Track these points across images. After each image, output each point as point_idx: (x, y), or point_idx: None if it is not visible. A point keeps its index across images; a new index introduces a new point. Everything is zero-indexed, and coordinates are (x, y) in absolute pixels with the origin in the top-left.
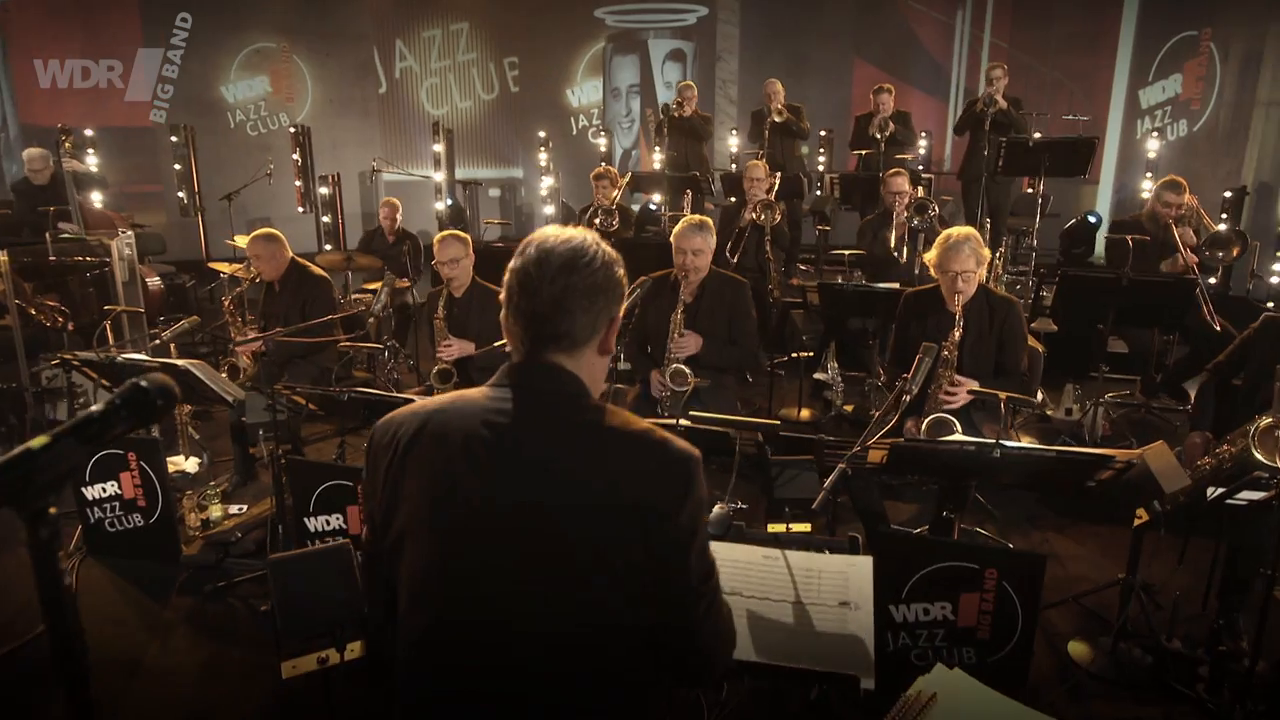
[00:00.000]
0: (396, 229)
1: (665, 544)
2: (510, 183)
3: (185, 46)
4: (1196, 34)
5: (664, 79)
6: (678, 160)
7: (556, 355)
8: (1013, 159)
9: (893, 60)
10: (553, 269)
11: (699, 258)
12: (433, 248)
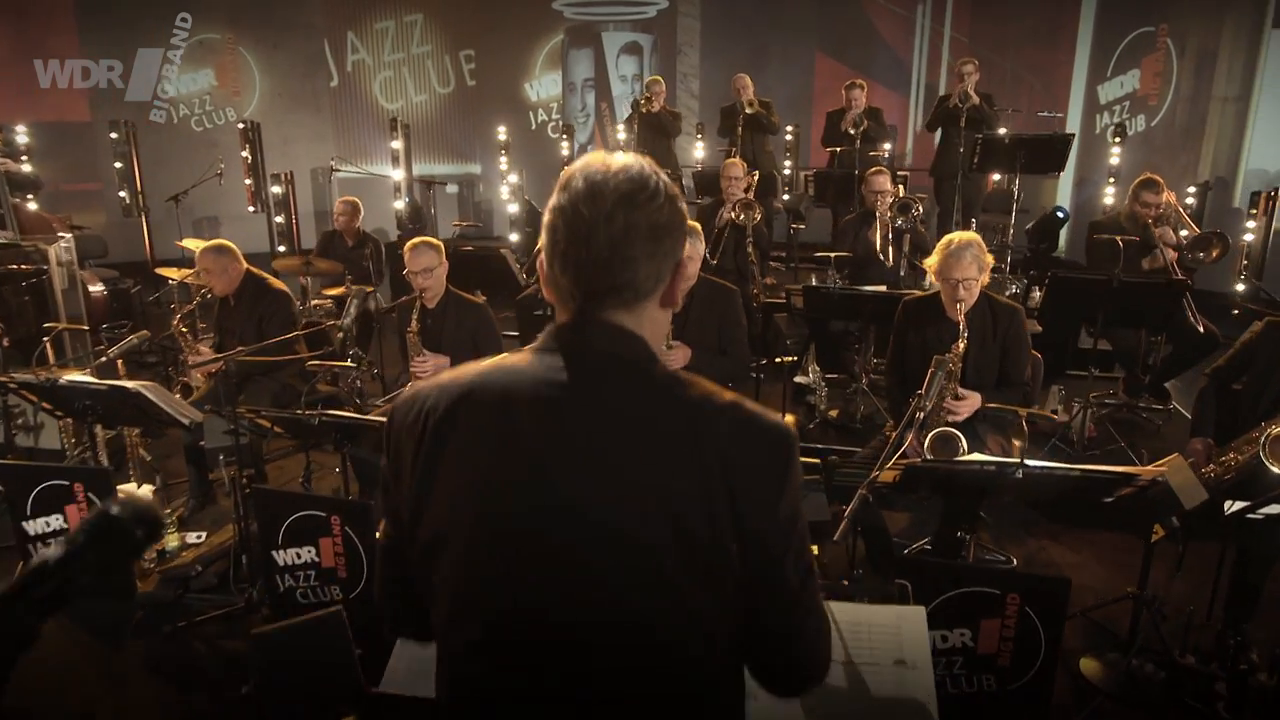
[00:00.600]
0: (356, 231)
1: (762, 538)
2: (468, 179)
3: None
4: (1153, 30)
5: (619, 73)
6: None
7: (616, 312)
8: (988, 155)
9: (854, 54)
10: (608, 205)
11: (689, 265)
12: (402, 253)
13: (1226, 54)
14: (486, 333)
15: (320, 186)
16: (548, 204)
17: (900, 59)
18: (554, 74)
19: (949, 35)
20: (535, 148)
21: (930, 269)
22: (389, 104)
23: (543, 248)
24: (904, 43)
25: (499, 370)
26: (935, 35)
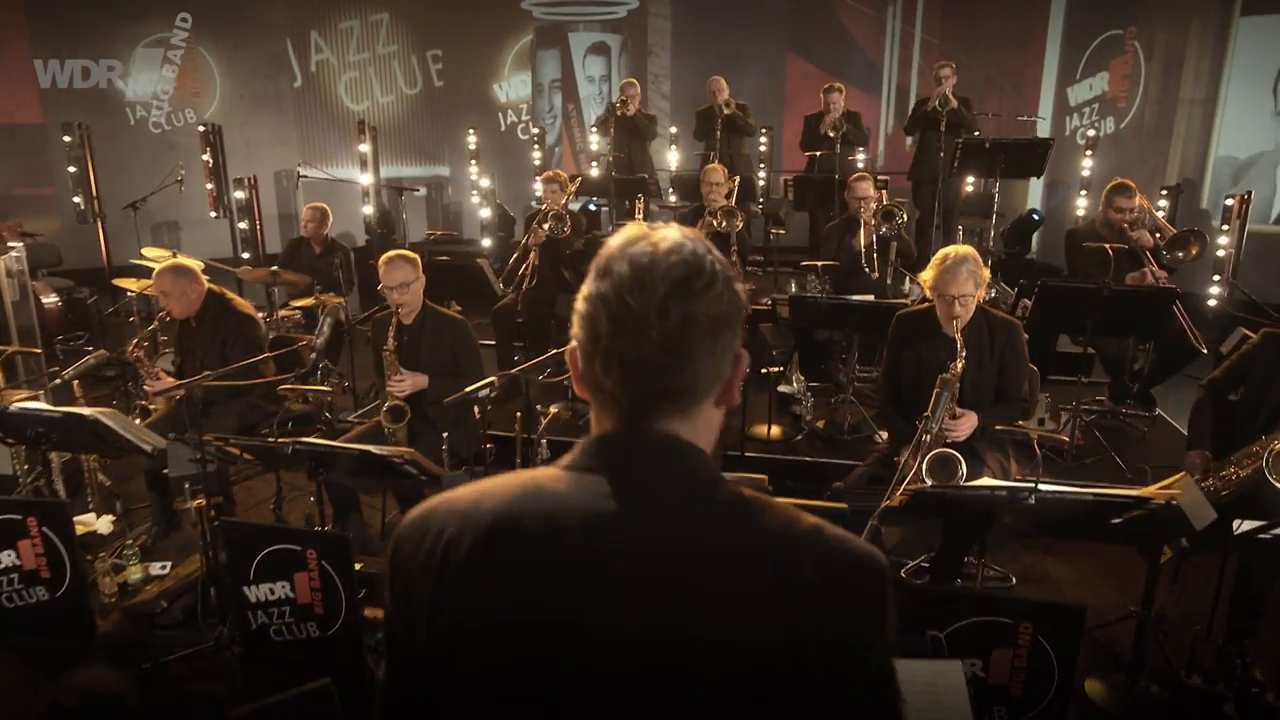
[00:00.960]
0: (324, 238)
1: (855, 690)
2: (437, 181)
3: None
4: (1121, 33)
5: (586, 73)
6: (622, 161)
7: (670, 420)
8: (968, 160)
9: (826, 56)
10: (659, 295)
11: None
12: (373, 264)
13: (1193, 57)
14: (466, 349)
15: (285, 190)
16: (583, 290)
17: (871, 60)
18: (523, 74)
19: (919, 37)
20: (505, 149)
21: (924, 284)
22: (355, 105)
23: (577, 340)
24: (875, 44)
25: (532, 496)
26: (906, 37)
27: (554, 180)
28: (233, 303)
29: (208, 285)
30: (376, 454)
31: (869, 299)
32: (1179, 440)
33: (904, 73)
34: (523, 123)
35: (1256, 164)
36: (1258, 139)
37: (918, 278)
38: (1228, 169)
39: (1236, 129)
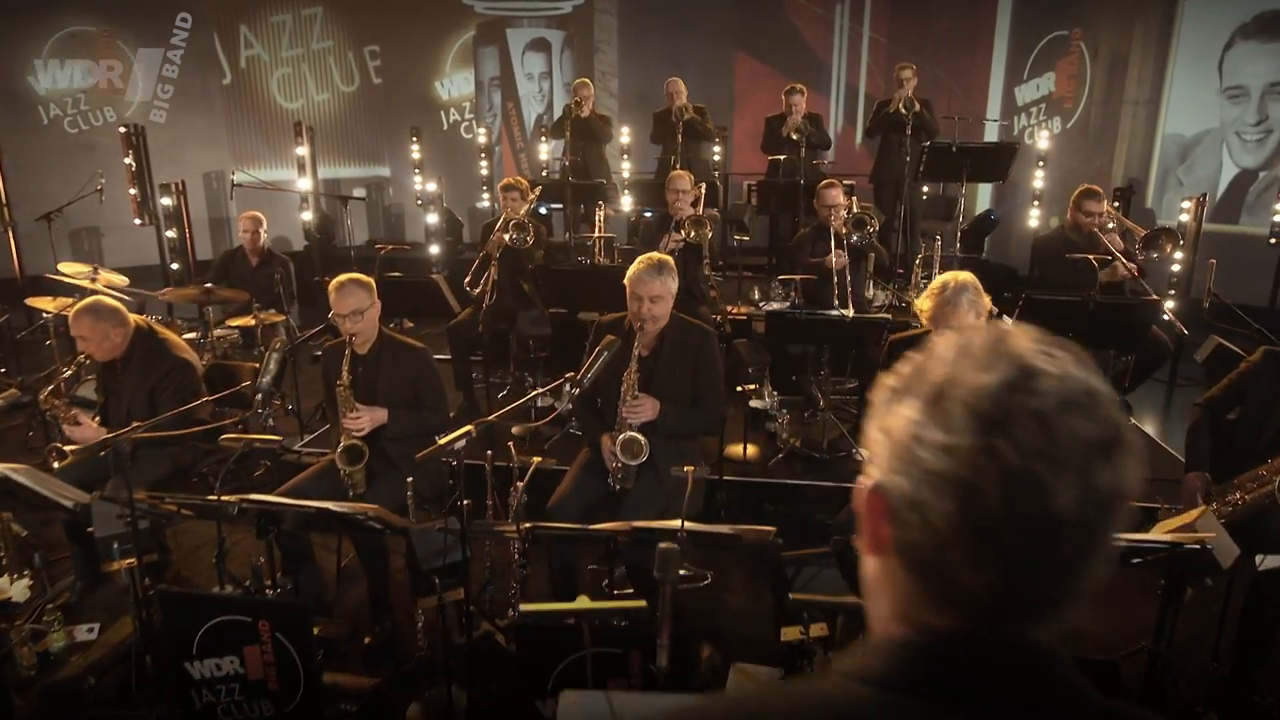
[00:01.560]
0: (261, 249)
1: None
2: (377, 182)
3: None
4: (1067, 33)
5: (524, 71)
6: (578, 165)
7: (1040, 627)
8: (934, 164)
9: (775, 54)
10: (1082, 468)
11: (658, 305)
12: (319, 281)
13: (1137, 58)
14: (428, 381)
15: (215, 193)
16: (937, 437)
17: (820, 59)
18: (465, 72)
19: (868, 36)
20: (449, 149)
21: (921, 314)
22: (288, 103)
23: (901, 495)
24: (824, 43)
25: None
26: (855, 36)
27: (514, 188)
28: (165, 344)
29: (135, 324)
30: (336, 511)
31: (848, 314)
32: (1158, 452)
33: (853, 72)
34: (466, 121)
35: (1203, 141)
36: (1204, 117)
37: (914, 306)
38: (1175, 147)
39: (1183, 107)
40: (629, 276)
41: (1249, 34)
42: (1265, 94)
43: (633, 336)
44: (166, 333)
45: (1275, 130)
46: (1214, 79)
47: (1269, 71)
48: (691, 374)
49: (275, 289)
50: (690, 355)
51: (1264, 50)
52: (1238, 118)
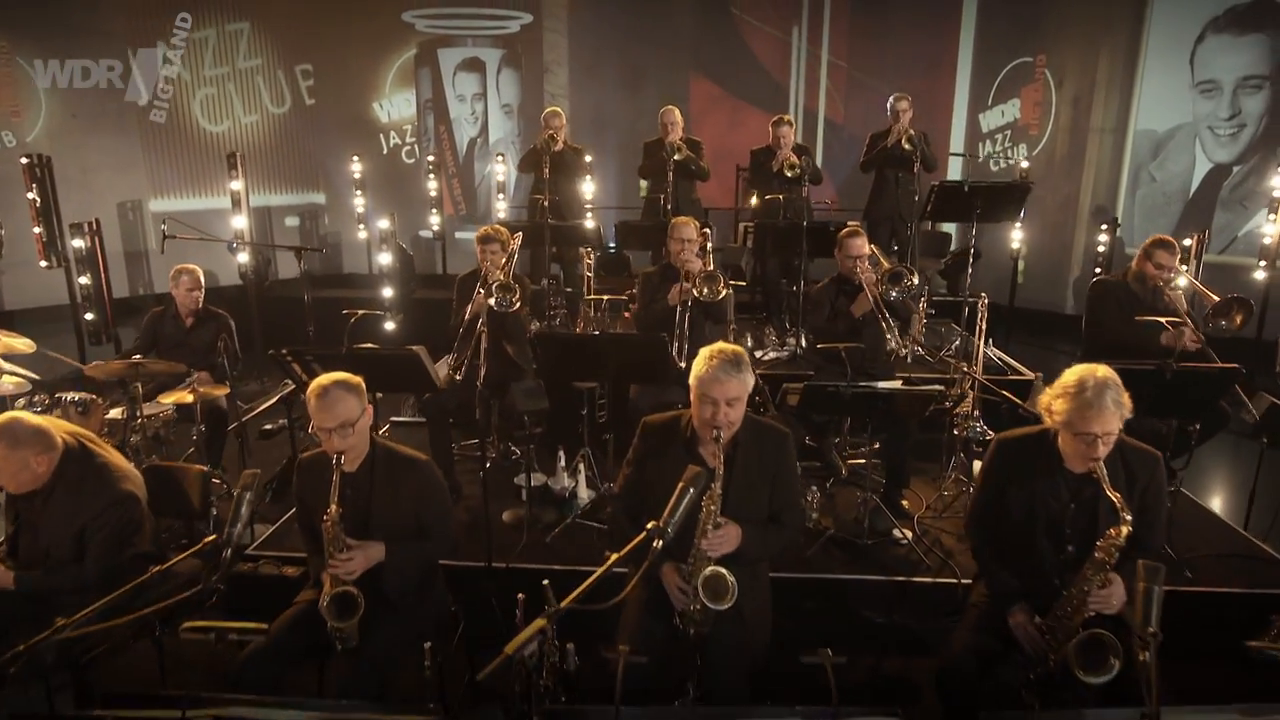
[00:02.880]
0: (198, 308)
1: None
2: (311, 209)
3: None
4: (1031, 60)
5: (456, 92)
6: (556, 205)
7: None
8: (944, 204)
9: (731, 77)
10: None
11: (735, 408)
12: (307, 404)
13: (1102, 87)
14: (434, 504)
15: (131, 225)
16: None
17: (778, 83)
18: (406, 93)
19: (826, 59)
20: (390, 174)
21: (1050, 414)
22: (213, 126)
23: None
24: (780, 66)
25: None
26: (812, 59)
27: (493, 239)
28: (104, 470)
29: (64, 444)
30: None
31: (896, 385)
32: (1206, 517)
33: (811, 95)
34: (408, 145)
35: (1175, 136)
36: (1176, 112)
37: (1036, 403)
38: (1146, 141)
39: (1155, 102)
40: (698, 375)
41: (1220, 28)
42: (1237, 88)
43: (694, 438)
44: (104, 451)
45: (1248, 125)
46: (1186, 73)
47: (1241, 65)
48: (770, 486)
49: (217, 357)
50: (769, 464)
51: (1235, 44)
52: (1210, 112)
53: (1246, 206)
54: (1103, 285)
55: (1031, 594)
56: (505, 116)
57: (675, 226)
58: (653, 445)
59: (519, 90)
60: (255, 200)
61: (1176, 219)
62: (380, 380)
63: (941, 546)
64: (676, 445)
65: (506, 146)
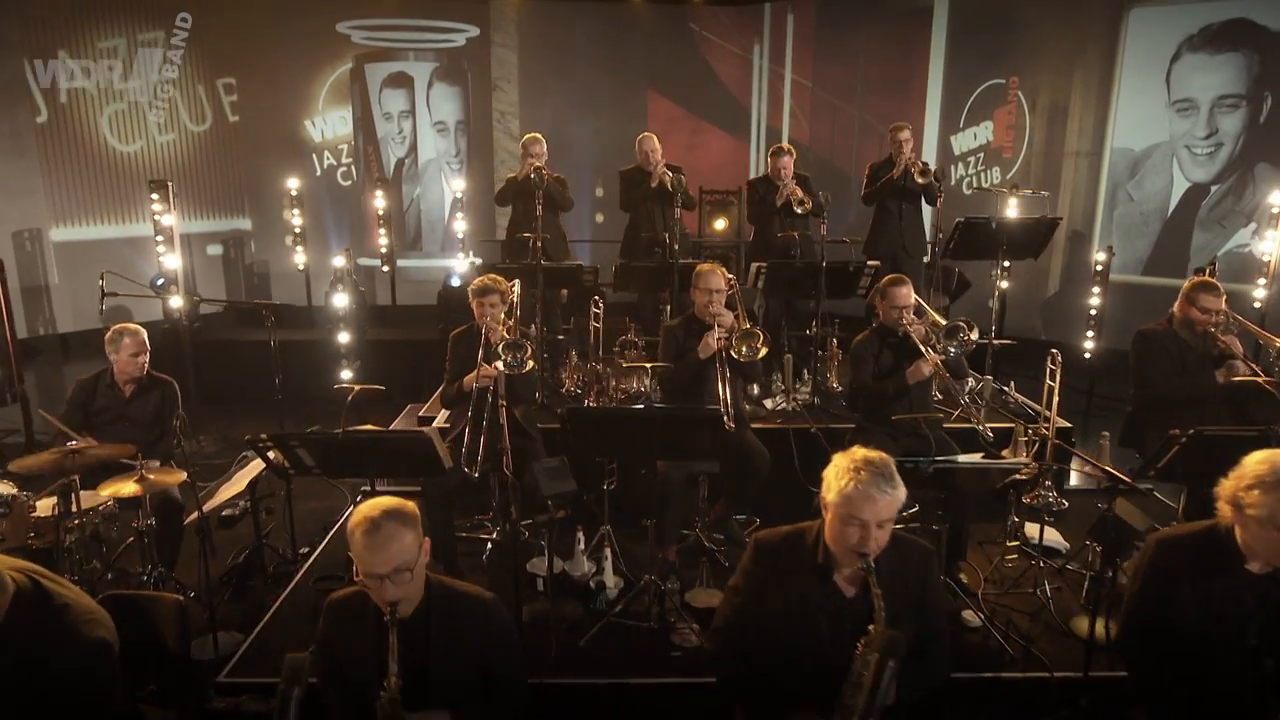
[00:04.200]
0: (142, 375)
1: None
2: (236, 236)
3: None
4: (1004, 82)
5: (382, 110)
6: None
7: None
8: (968, 242)
9: (690, 95)
10: None
11: (885, 530)
12: (349, 540)
13: (1077, 109)
14: (506, 652)
15: (29, 257)
16: None
17: (740, 102)
18: (342, 110)
19: (790, 78)
20: (327, 198)
21: (1251, 509)
22: (123, 146)
23: None
24: (742, 85)
25: None
26: (775, 78)
27: (492, 290)
28: (64, 615)
29: (14, 585)
30: None
31: (977, 459)
32: None
33: (775, 115)
34: (344, 166)
35: (1152, 156)
36: (1153, 130)
37: (1219, 496)
38: (1123, 160)
39: (1131, 121)
40: (842, 492)
41: (1196, 46)
42: (1214, 107)
43: (828, 563)
44: (64, 590)
45: (1225, 144)
46: (1162, 92)
47: (1217, 84)
48: (917, 615)
49: (167, 434)
50: (914, 589)
51: (1211, 63)
52: (1187, 131)
53: (1225, 226)
54: (1149, 337)
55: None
56: (439, 135)
57: (702, 276)
58: (772, 570)
59: (461, 107)
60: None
61: (1154, 239)
62: (380, 465)
63: (1017, 629)
64: (804, 571)
65: (439, 169)
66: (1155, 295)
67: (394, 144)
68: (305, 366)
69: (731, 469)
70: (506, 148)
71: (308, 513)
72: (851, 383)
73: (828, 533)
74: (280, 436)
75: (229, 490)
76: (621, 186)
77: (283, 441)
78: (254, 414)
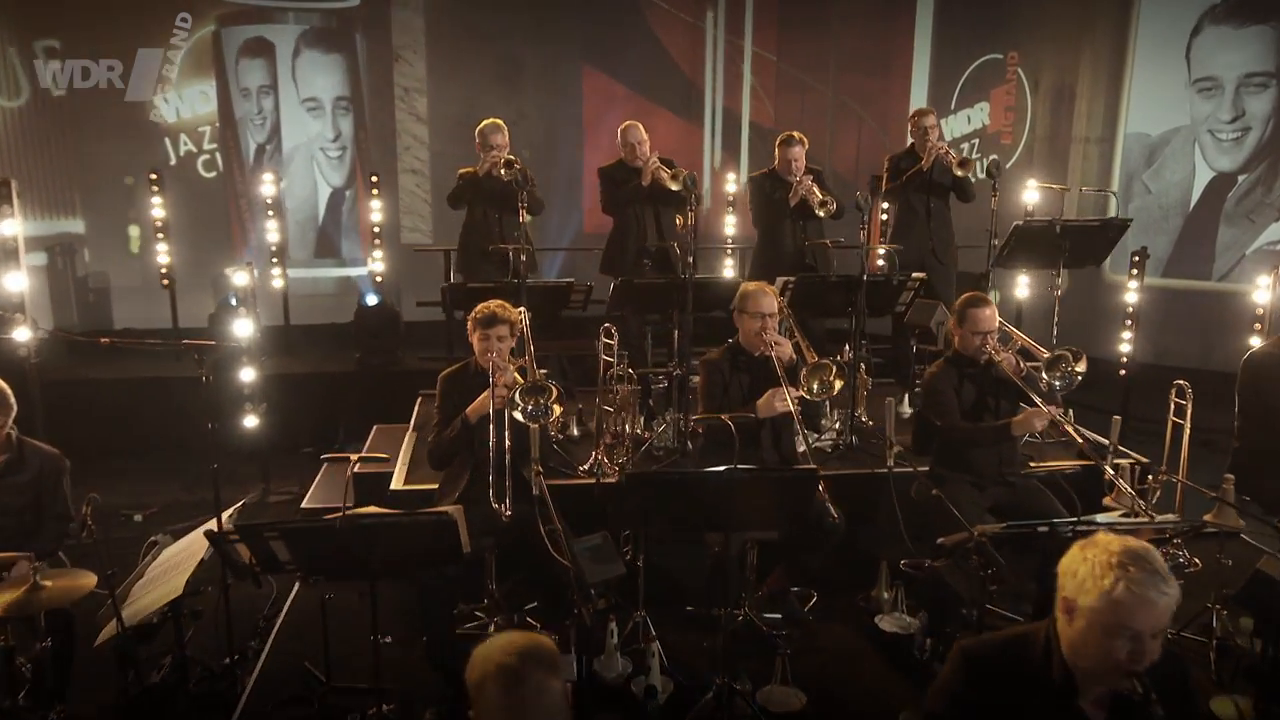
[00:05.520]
0: (10, 444)
1: None
2: (64, 242)
3: None
4: (1001, 58)
5: (240, 85)
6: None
7: None
8: (1026, 247)
9: (631, 70)
10: None
11: (1158, 641)
12: (474, 696)
13: (1086, 91)
14: None
15: None
16: None
17: (691, 79)
18: (203, 83)
19: (750, 51)
20: (185, 193)
21: None
22: None
23: None
24: (693, 59)
25: None
26: (733, 51)
27: (501, 319)
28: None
29: None
30: None
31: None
32: None
33: (732, 94)
34: (206, 154)
35: (1172, 141)
36: (1171, 113)
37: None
38: (1139, 146)
39: (1147, 103)
40: (1112, 595)
41: (1219, 19)
42: (1240, 86)
43: None
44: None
45: (1253, 128)
46: (1181, 70)
47: (1242, 61)
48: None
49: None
50: (1176, 704)
51: (1236, 37)
52: (1210, 114)
53: (1254, 221)
54: (1263, 361)
55: None
56: (310, 116)
57: (750, 297)
58: (991, 690)
59: (343, 81)
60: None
61: (1176, 235)
62: (384, 561)
63: None
64: (1036, 692)
65: (309, 157)
66: (1177, 301)
67: (253, 126)
68: (178, 411)
69: (796, 534)
70: (412, 131)
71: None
72: (924, 425)
73: (1074, 643)
74: (251, 528)
75: (152, 594)
76: (602, 187)
77: (253, 534)
78: (127, 478)
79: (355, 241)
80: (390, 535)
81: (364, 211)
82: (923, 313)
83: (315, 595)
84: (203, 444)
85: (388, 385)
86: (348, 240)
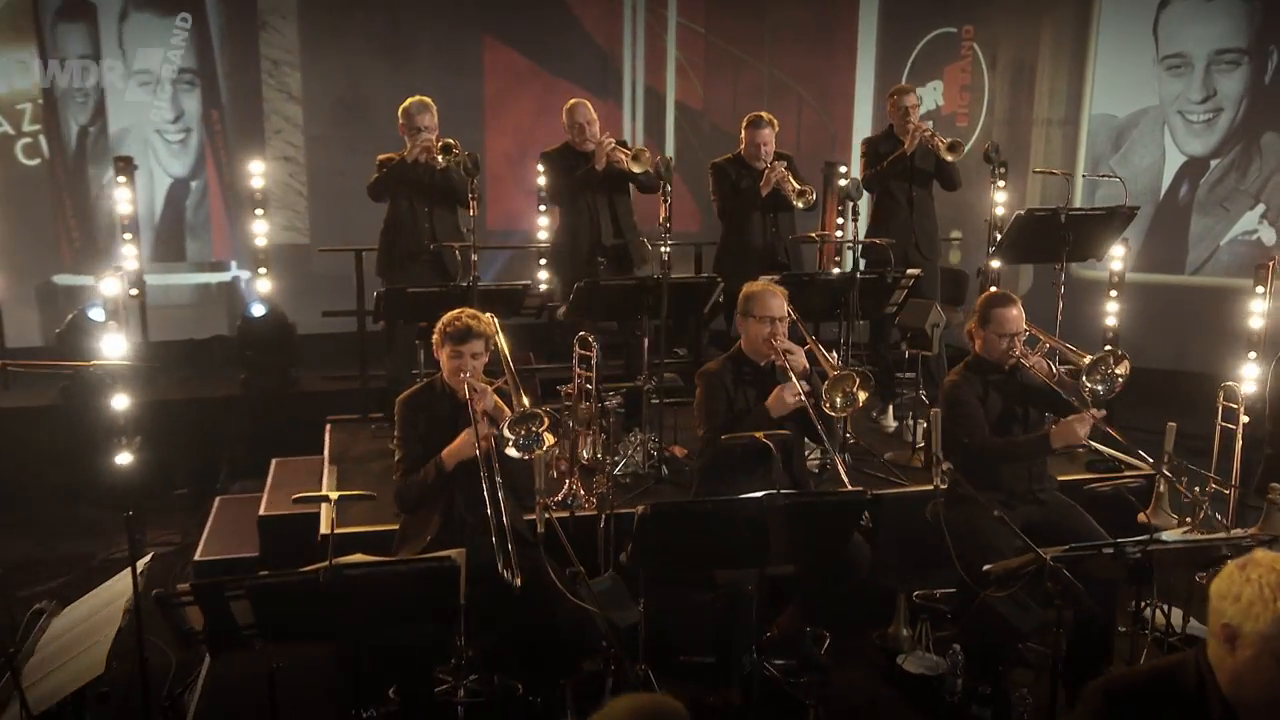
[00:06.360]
0: None
1: None
2: None
3: None
4: (956, 31)
5: (57, 53)
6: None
7: None
8: (1026, 239)
9: (538, 42)
10: None
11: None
12: None
13: (1047, 66)
14: None
15: None
16: None
17: (607, 53)
18: (22, 50)
19: (674, 22)
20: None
21: None
22: None
23: None
24: (609, 31)
25: None
26: (655, 22)
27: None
28: None
29: None
30: None
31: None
32: None
33: (654, 71)
34: (27, 137)
35: (1140, 123)
36: (1139, 93)
37: None
38: (1104, 129)
39: (1113, 82)
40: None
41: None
42: (1211, 64)
43: None
44: None
45: (1225, 109)
46: (1149, 46)
47: (1213, 37)
48: None
49: None
50: None
51: (1206, 11)
52: (1180, 94)
53: (1228, 209)
54: None
55: None
56: (144, 92)
57: (756, 299)
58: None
59: (190, 53)
60: None
61: (1147, 224)
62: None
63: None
64: None
65: (144, 142)
66: (1150, 295)
67: (75, 105)
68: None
69: (816, 570)
70: (283, 112)
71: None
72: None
73: (1239, 675)
74: (209, 587)
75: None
76: (547, 174)
77: (213, 594)
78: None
79: (206, 242)
80: (383, 587)
81: (217, 207)
82: (916, 314)
83: (237, 667)
84: (53, 488)
85: (283, 411)
86: (196, 241)
